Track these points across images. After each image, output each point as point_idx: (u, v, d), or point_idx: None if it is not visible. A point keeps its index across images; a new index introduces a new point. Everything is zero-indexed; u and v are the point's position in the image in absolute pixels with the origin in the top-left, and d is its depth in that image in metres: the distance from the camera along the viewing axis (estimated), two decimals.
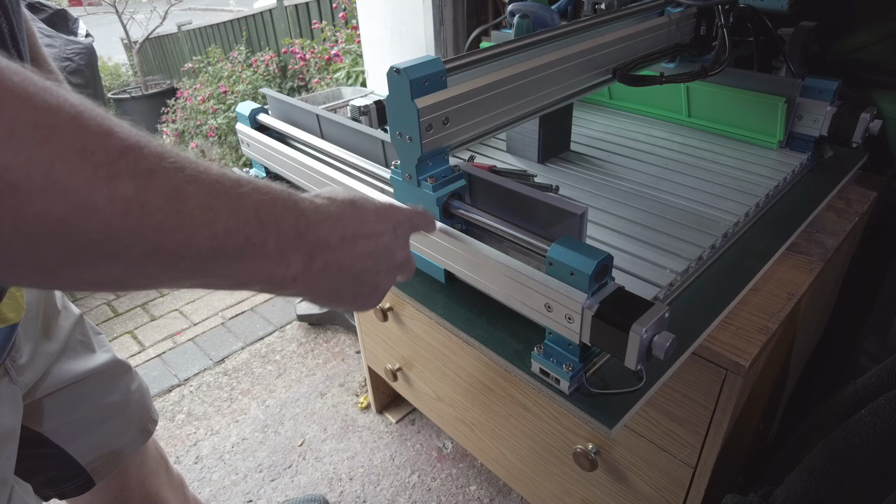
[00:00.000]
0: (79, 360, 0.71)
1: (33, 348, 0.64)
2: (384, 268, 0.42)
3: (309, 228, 0.35)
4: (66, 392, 0.68)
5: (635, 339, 0.43)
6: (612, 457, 0.81)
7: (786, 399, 1.06)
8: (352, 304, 0.42)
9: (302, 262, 0.35)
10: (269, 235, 0.33)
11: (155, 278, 0.30)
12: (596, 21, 0.75)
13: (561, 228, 0.52)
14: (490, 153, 0.98)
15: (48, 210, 0.23)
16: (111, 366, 0.75)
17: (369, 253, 0.40)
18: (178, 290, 2.11)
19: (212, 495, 1.34)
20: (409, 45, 1.45)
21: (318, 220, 0.36)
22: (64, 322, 0.70)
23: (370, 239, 0.40)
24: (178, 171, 0.28)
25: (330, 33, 3.18)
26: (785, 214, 0.79)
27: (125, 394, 0.77)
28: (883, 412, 0.58)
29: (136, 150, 0.26)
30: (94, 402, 0.72)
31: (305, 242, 0.35)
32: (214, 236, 0.30)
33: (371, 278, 0.41)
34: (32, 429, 0.66)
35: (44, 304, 0.68)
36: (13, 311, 0.55)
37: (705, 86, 0.95)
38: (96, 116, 0.25)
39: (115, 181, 0.25)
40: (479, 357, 0.94)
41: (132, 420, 0.78)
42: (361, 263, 0.39)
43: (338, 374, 1.67)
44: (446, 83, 0.56)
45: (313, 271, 0.36)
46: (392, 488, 1.33)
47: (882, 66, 0.94)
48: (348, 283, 0.39)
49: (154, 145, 0.28)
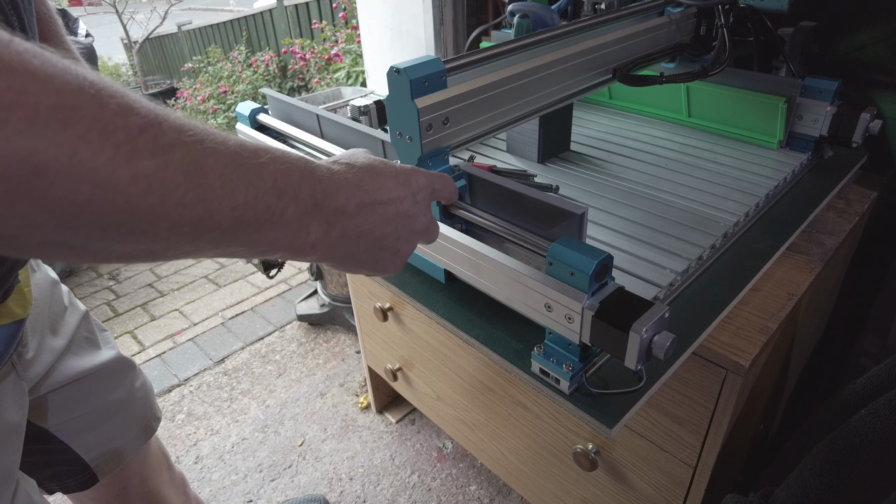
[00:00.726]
0: (84, 356, 0.71)
1: (39, 343, 0.65)
2: (405, 233, 0.42)
3: (326, 196, 0.36)
4: (70, 388, 0.69)
5: (635, 339, 0.43)
6: (612, 457, 0.81)
7: (786, 399, 1.06)
8: (373, 269, 0.42)
9: (321, 229, 0.36)
10: (288, 204, 0.33)
11: (182, 250, 0.30)
12: (596, 21, 0.75)
13: (561, 228, 0.52)
14: (490, 153, 0.98)
15: (74, 191, 0.24)
16: (116, 363, 0.75)
17: (388, 219, 0.40)
18: (178, 290, 2.11)
19: (212, 495, 1.34)
20: (409, 45, 1.45)
21: (334, 188, 0.36)
22: (70, 318, 0.71)
23: (389, 205, 0.40)
24: (198, 143, 0.29)
25: (330, 33, 3.18)
26: (785, 214, 0.79)
27: (129, 391, 0.77)
28: (883, 412, 0.58)
29: (155, 125, 0.27)
30: (99, 398, 0.72)
31: (323, 210, 0.36)
32: (235, 207, 0.30)
33: (391, 244, 0.41)
34: (37, 424, 0.66)
35: (50, 300, 0.68)
36: (20, 307, 0.55)
37: (705, 86, 0.95)
38: (115, 94, 0.26)
39: (136, 159, 0.26)
40: (479, 357, 0.94)
41: (136, 418, 0.78)
42: (381, 229, 0.39)
43: (338, 374, 1.67)
44: (446, 83, 0.56)
45: (332, 238, 0.37)
46: (392, 488, 1.33)
47: (882, 66, 0.94)
48: (368, 249, 0.40)
49: (173, 119, 0.28)
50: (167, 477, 0.88)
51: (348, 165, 0.39)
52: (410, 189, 0.42)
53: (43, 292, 0.67)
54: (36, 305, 0.63)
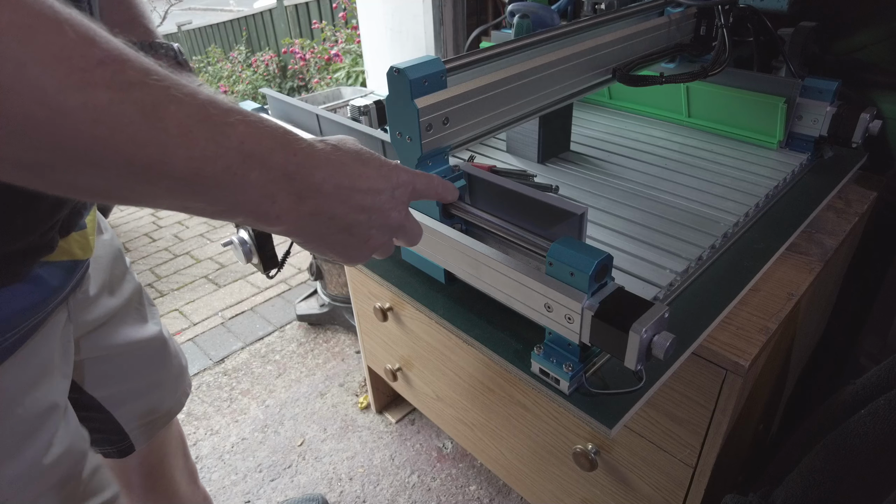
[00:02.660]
0: (132, 326, 0.72)
1: (96, 295, 0.65)
2: (377, 225, 0.41)
3: (300, 169, 0.35)
4: (114, 359, 0.69)
5: (635, 339, 0.43)
6: (611, 457, 0.81)
7: (786, 399, 1.06)
8: (340, 255, 0.42)
9: (289, 201, 0.35)
10: (252, 168, 0.33)
11: (139, 193, 0.31)
12: (596, 21, 0.75)
13: (561, 228, 0.52)
14: (490, 153, 0.98)
15: (21, 107, 0.24)
16: (159, 338, 0.76)
17: (364, 207, 0.39)
18: (178, 290, 2.11)
19: (211, 495, 1.34)
20: (409, 45, 1.45)
21: (312, 164, 0.36)
22: (127, 285, 0.72)
23: (367, 194, 0.39)
24: (163, 89, 0.29)
25: (330, 33, 3.18)
26: (785, 214, 0.79)
27: (168, 365, 0.78)
28: (882, 412, 0.58)
29: (117, 61, 0.27)
30: (141, 371, 0.73)
31: (294, 183, 0.35)
32: (192, 158, 0.30)
33: (362, 232, 0.41)
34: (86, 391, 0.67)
35: (113, 261, 0.69)
36: (82, 249, 0.56)
37: (705, 86, 0.95)
38: (78, 24, 0.26)
39: (89, 88, 0.26)
40: (479, 357, 0.94)
41: (171, 391, 0.79)
42: (354, 216, 0.39)
43: (338, 374, 1.67)
44: (446, 83, 0.56)
45: (301, 213, 0.36)
46: (392, 488, 1.33)
47: (882, 66, 0.94)
48: (338, 233, 0.39)
49: (141, 61, 0.28)
50: (182, 463, 0.89)
51: (334, 147, 0.38)
52: (391, 183, 0.41)
53: (108, 251, 0.68)
54: (98, 261, 0.64)
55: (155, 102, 0.28)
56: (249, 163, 0.33)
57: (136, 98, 0.28)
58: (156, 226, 2.61)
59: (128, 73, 0.27)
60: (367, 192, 0.39)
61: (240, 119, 0.32)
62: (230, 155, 0.32)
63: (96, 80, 0.26)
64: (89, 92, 0.26)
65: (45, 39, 0.25)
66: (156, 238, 2.50)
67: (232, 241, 0.74)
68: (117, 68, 0.27)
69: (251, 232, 0.72)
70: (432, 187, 0.47)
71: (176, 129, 0.29)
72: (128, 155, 0.28)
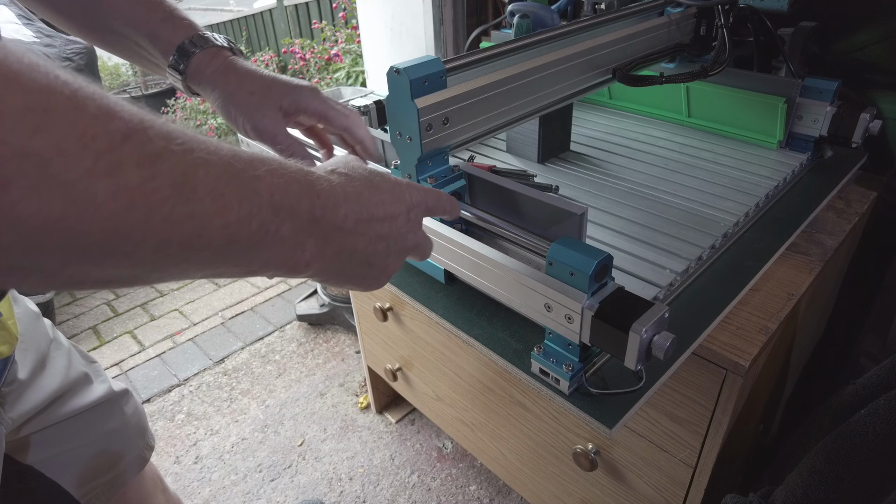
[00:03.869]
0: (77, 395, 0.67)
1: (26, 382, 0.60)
2: (395, 251, 0.40)
3: (325, 212, 0.34)
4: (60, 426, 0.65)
5: (635, 339, 0.43)
6: (611, 457, 0.81)
7: (786, 399, 1.06)
8: (358, 285, 0.41)
9: (317, 246, 0.34)
10: (284, 221, 0.31)
11: (168, 272, 0.28)
12: (596, 21, 0.75)
13: (561, 228, 0.52)
14: (490, 153, 0.98)
15: (45, 208, 0.21)
16: (108, 396, 0.72)
17: (382, 236, 0.38)
18: (178, 290, 2.11)
19: (211, 495, 1.34)
20: (409, 45, 1.45)
21: (334, 203, 0.34)
22: (55, 353, 0.66)
23: (384, 222, 0.38)
24: (187, 153, 0.26)
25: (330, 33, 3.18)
26: (785, 214, 0.79)
27: (122, 420, 0.74)
28: (882, 412, 0.58)
29: (140, 132, 0.24)
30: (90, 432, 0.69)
31: (320, 226, 0.33)
32: (227, 225, 0.27)
33: (380, 262, 0.40)
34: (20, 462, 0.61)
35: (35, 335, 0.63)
36: (5, 343, 0.51)
37: (705, 86, 0.95)
38: (94, 95, 0.23)
39: (118, 170, 0.23)
40: (479, 357, 0.94)
41: (129, 448, 0.75)
42: (374, 247, 0.38)
43: (338, 374, 1.67)
44: (446, 83, 0.56)
45: (327, 255, 0.35)
46: (392, 488, 1.33)
47: (882, 66, 0.94)
48: (358, 266, 0.38)
49: (159, 125, 0.25)
50: (163, 500, 0.86)
51: (347, 178, 0.36)
52: (405, 205, 0.40)
53: (27, 327, 0.62)
54: (22, 339, 0.59)
55: (185, 171, 0.25)
56: (281, 216, 0.30)
57: (166, 171, 0.24)
58: None
59: (154, 141, 0.24)
60: (384, 219, 0.38)
61: (266, 170, 0.30)
62: (263, 212, 0.29)
63: (124, 158, 0.23)
64: (119, 175, 0.23)
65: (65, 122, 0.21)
66: None
67: None
68: (143, 139, 0.24)
69: None
70: (441, 204, 0.46)
71: (209, 197, 0.26)
72: (163, 237, 0.25)
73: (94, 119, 0.22)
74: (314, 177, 0.34)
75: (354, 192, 0.36)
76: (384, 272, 0.41)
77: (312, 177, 0.34)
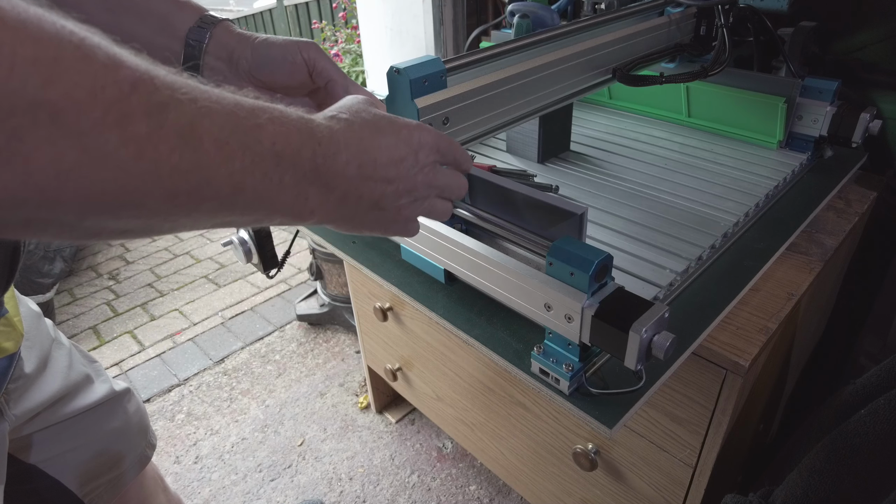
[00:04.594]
0: (78, 395, 0.67)
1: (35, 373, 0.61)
2: (404, 192, 0.39)
3: (326, 160, 0.33)
4: (63, 426, 0.65)
5: (635, 339, 0.43)
6: (611, 457, 0.81)
7: (786, 399, 1.06)
8: (376, 230, 0.41)
9: (320, 194, 0.34)
10: (286, 170, 0.31)
11: (177, 223, 0.28)
12: (596, 21, 0.75)
13: (561, 228, 0.52)
14: (490, 153, 0.98)
15: (59, 158, 0.21)
16: (109, 395, 0.72)
17: (389, 179, 0.37)
18: (178, 290, 2.11)
19: (211, 495, 1.34)
20: (409, 45, 1.45)
21: (335, 150, 0.34)
22: (57, 353, 0.66)
23: (389, 166, 0.37)
24: (192, 102, 0.26)
25: (330, 33, 3.18)
26: (785, 214, 0.79)
27: (125, 419, 0.74)
28: (882, 412, 0.58)
29: (147, 81, 0.24)
30: (93, 431, 0.69)
31: (322, 175, 0.33)
32: (232, 174, 0.28)
33: (391, 204, 0.39)
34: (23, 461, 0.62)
35: (38, 335, 0.64)
36: (10, 340, 0.51)
37: (705, 86, 0.95)
38: (100, 44, 0.22)
39: (127, 120, 0.23)
40: (479, 357, 0.94)
41: (131, 446, 0.75)
42: (380, 191, 0.37)
43: (338, 373, 1.67)
44: (446, 83, 0.56)
45: (332, 203, 0.35)
46: (392, 488, 1.33)
47: (882, 66, 0.94)
48: (368, 211, 0.38)
49: (164, 74, 0.25)
50: (164, 499, 0.86)
51: (348, 122, 0.36)
52: (412, 147, 0.39)
53: (30, 326, 0.62)
54: (26, 339, 0.59)
55: (191, 121, 0.25)
56: (283, 165, 0.31)
57: (173, 120, 0.25)
58: None
59: (161, 91, 0.24)
60: (389, 163, 0.37)
61: (268, 118, 0.30)
62: (266, 161, 0.29)
63: (133, 108, 0.23)
64: (128, 125, 0.23)
65: (75, 72, 0.21)
66: (156, 238, 2.50)
67: (232, 241, 0.74)
68: (150, 88, 0.24)
69: (251, 232, 0.72)
70: (454, 151, 0.44)
71: (214, 147, 0.27)
72: (171, 187, 0.25)
73: (104, 68, 0.22)
74: (314, 124, 0.34)
75: (356, 137, 0.36)
76: (399, 215, 0.40)
77: (313, 124, 0.33)
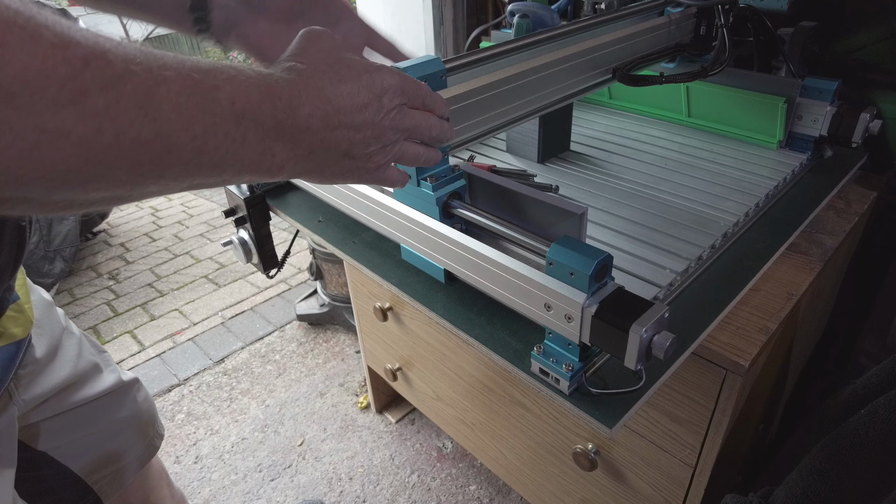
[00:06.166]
0: (87, 384, 0.68)
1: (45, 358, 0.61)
2: (372, 138, 0.38)
3: (288, 115, 0.33)
4: (72, 413, 0.66)
5: (635, 339, 0.43)
6: (611, 457, 0.81)
7: (786, 399, 1.06)
8: (349, 178, 0.40)
9: (286, 149, 0.34)
10: (248, 129, 0.31)
11: (148, 190, 0.29)
12: (596, 21, 0.75)
13: (561, 228, 0.52)
14: (490, 153, 0.98)
15: (18, 139, 0.21)
16: (118, 386, 0.72)
17: (355, 126, 0.37)
18: (178, 290, 2.11)
19: (211, 495, 1.34)
20: (409, 45, 1.45)
21: (297, 104, 0.34)
22: (67, 342, 0.67)
23: (352, 113, 0.36)
24: (147, 72, 0.26)
25: None
26: (785, 214, 0.79)
27: (133, 408, 0.74)
28: (882, 412, 0.58)
29: (99, 55, 0.24)
30: (102, 419, 0.70)
31: (285, 129, 0.33)
32: (194, 138, 0.28)
33: (360, 152, 0.38)
34: (33, 448, 0.63)
35: (49, 323, 0.64)
36: (19, 326, 0.52)
37: (705, 86, 0.95)
38: (46, 22, 0.22)
39: (83, 97, 0.23)
40: (479, 357, 0.94)
41: (139, 435, 0.76)
42: (348, 139, 0.37)
43: (338, 373, 1.67)
44: (446, 83, 0.56)
45: (299, 156, 0.35)
46: (392, 488, 1.33)
47: (882, 66, 0.94)
48: (338, 160, 0.38)
49: (116, 47, 0.25)
50: (168, 493, 0.86)
51: (305, 73, 0.35)
52: (375, 92, 0.38)
53: (42, 313, 0.63)
54: (37, 325, 0.60)
55: (148, 91, 0.26)
56: (245, 124, 0.31)
57: (129, 92, 0.25)
58: (156, 226, 2.61)
59: (115, 65, 0.25)
60: (353, 110, 0.36)
61: (224, 78, 0.30)
62: (227, 122, 0.30)
63: (87, 84, 0.23)
64: (84, 101, 0.23)
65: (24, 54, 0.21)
66: (156, 238, 2.50)
67: (232, 241, 0.74)
68: (103, 63, 0.24)
69: (251, 232, 0.72)
70: (421, 93, 0.43)
71: (173, 113, 0.27)
72: (134, 158, 0.26)
73: (52, 48, 0.22)
74: (273, 79, 0.33)
75: (316, 87, 0.35)
76: (371, 162, 0.40)
77: (272, 79, 0.33)
